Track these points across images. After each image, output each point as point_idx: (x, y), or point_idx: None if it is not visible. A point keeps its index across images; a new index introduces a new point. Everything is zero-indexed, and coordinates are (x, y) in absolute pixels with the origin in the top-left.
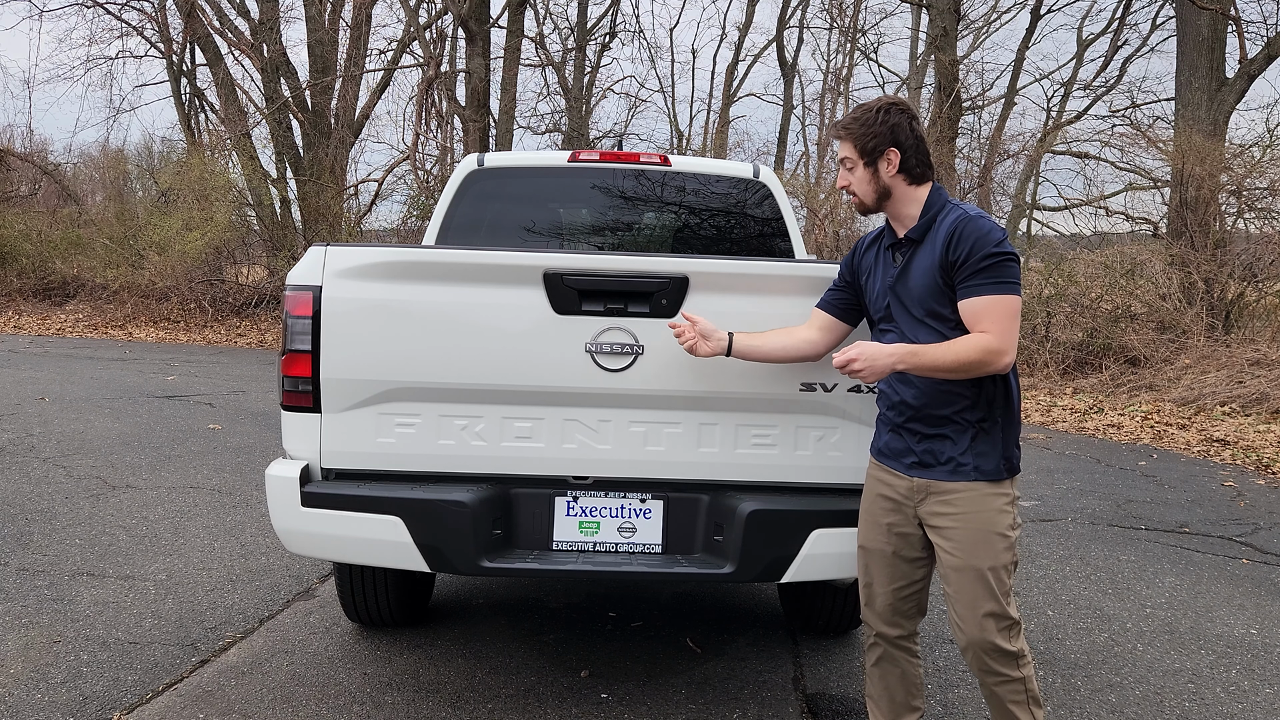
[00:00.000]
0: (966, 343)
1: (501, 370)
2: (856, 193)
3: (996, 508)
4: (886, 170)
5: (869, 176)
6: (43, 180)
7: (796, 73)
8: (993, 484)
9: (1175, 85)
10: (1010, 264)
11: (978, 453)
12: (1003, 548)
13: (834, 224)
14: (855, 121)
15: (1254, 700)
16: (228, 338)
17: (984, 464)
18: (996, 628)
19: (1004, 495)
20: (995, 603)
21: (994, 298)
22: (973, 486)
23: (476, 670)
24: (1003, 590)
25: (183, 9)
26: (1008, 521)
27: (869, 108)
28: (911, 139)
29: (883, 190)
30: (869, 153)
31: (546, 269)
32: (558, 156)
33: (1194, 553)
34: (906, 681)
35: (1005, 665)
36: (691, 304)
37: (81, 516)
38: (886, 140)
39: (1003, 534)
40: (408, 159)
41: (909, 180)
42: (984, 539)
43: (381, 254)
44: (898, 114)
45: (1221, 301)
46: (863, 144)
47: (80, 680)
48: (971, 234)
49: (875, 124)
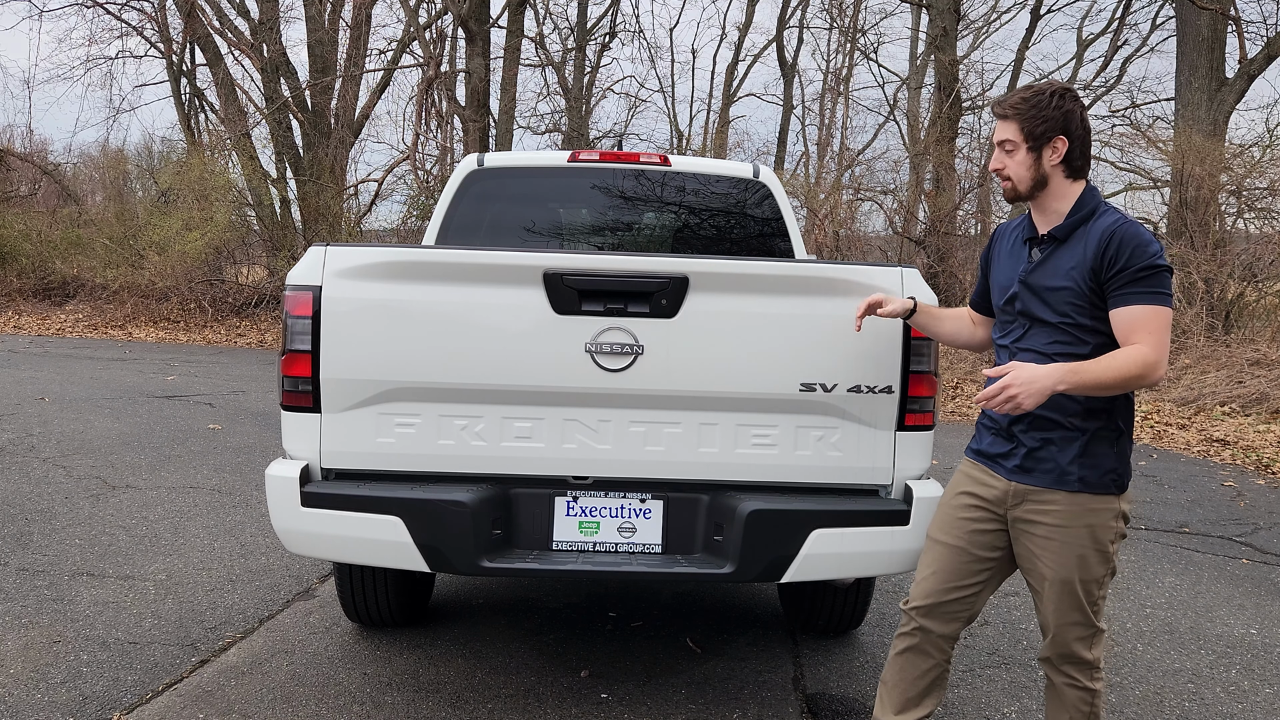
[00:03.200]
0: (1126, 357)
1: (501, 370)
2: (1012, 177)
3: (1099, 522)
4: (1050, 158)
5: (1030, 162)
6: (43, 180)
7: (796, 73)
8: (1097, 496)
9: (1175, 85)
10: (1167, 276)
11: (1085, 463)
12: (1097, 562)
13: (834, 224)
14: (1026, 103)
15: (1254, 700)
16: (228, 338)
17: (1090, 475)
18: (1077, 635)
19: (1109, 509)
20: (1081, 613)
21: (1152, 309)
22: (1075, 498)
23: (476, 670)
24: (1091, 601)
25: (183, 9)
26: (1109, 536)
27: (1042, 90)
28: (1081, 130)
29: (1040, 179)
30: (1036, 137)
31: (546, 269)
32: (558, 156)
33: (1194, 553)
34: (928, 679)
35: (1079, 671)
36: (691, 304)
37: (81, 516)
38: (1057, 127)
39: (1101, 549)
40: (408, 159)
41: (1067, 173)
42: (1079, 552)
43: (381, 254)
44: (1072, 101)
45: (1221, 301)
46: (1031, 127)
47: (80, 680)
48: (1131, 241)
49: (1048, 107)
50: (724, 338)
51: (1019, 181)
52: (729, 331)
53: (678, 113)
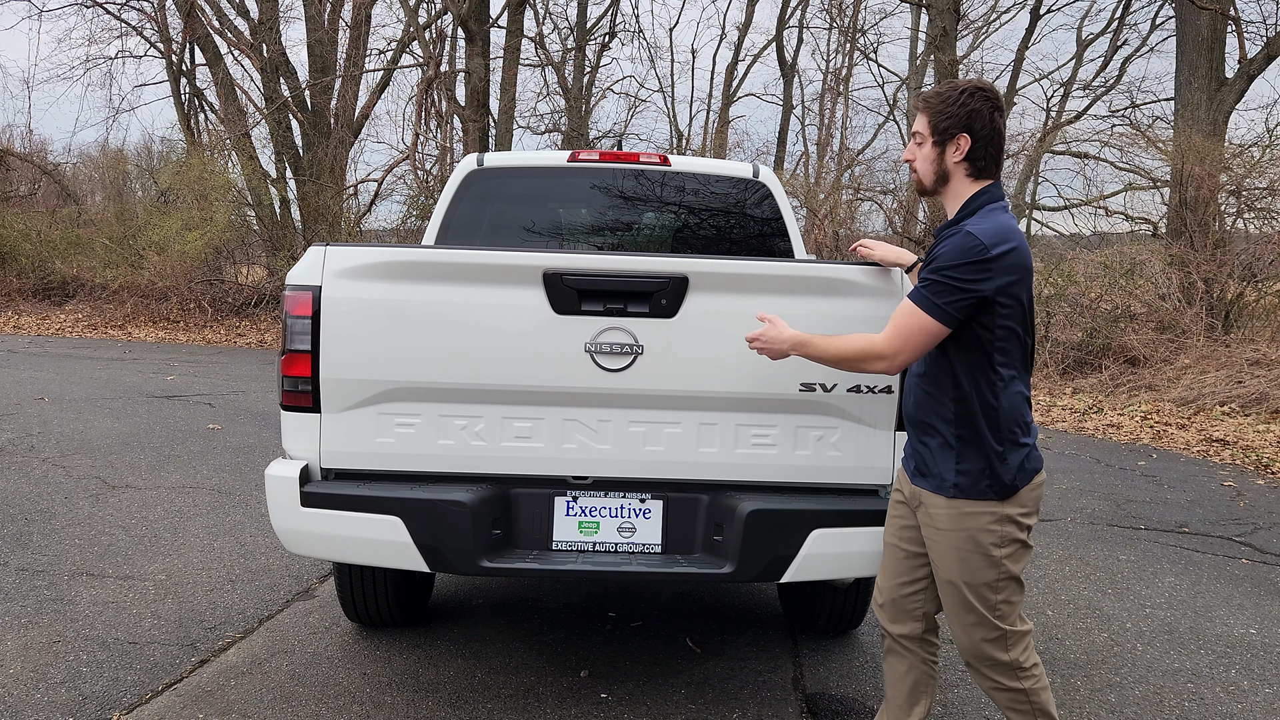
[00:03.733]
0: (855, 338)
1: (501, 370)
2: (918, 170)
3: (979, 526)
4: (952, 154)
5: (934, 156)
6: (42, 180)
7: (796, 73)
8: (975, 502)
9: (1175, 85)
10: (941, 286)
11: (959, 469)
12: (982, 566)
13: (834, 224)
14: (937, 97)
15: (1253, 700)
16: (227, 338)
17: (964, 481)
18: (982, 637)
19: (988, 514)
20: (975, 615)
21: (908, 304)
22: (952, 504)
23: (476, 670)
24: (988, 605)
25: (182, 9)
26: (991, 540)
27: (955, 86)
28: (988, 130)
29: (942, 174)
30: (940, 132)
31: (546, 269)
32: (557, 156)
33: (1193, 552)
34: (908, 682)
35: (999, 673)
36: (691, 304)
37: (81, 516)
38: (960, 124)
39: (983, 553)
40: (407, 159)
41: (970, 172)
42: (962, 557)
43: (381, 254)
44: (981, 100)
45: (1221, 301)
46: (937, 121)
47: (80, 680)
48: (945, 247)
49: (954, 104)
50: (724, 338)
51: (923, 175)
52: (729, 331)
53: (677, 113)
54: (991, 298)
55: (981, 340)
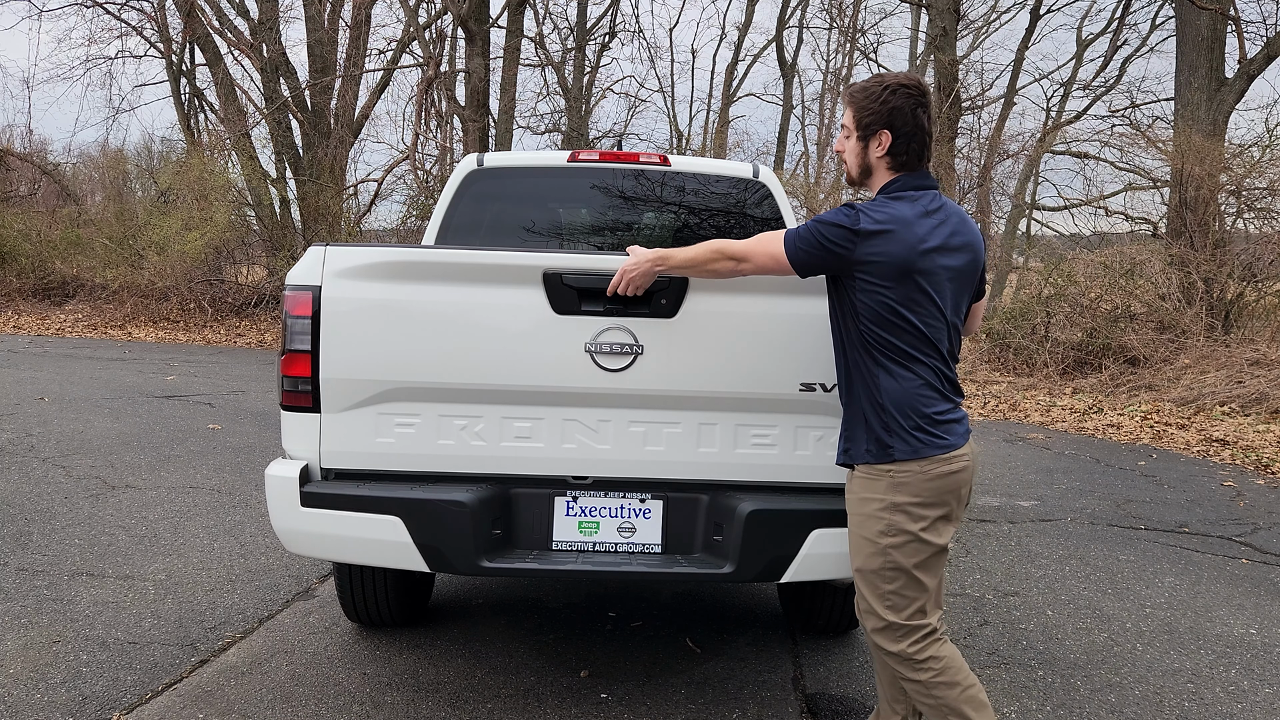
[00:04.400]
0: (708, 243)
1: (501, 370)
2: (846, 161)
3: (866, 511)
4: (875, 149)
5: (859, 150)
6: (42, 180)
7: (796, 73)
8: (869, 478)
9: (1175, 85)
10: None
11: (847, 436)
12: (869, 551)
13: None
14: (862, 92)
15: (1253, 700)
16: (227, 338)
17: (851, 448)
18: (871, 626)
19: (876, 500)
20: (865, 601)
21: (772, 234)
22: (850, 477)
23: (476, 670)
24: (877, 593)
25: (182, 9)
26: (878, 527)
27: (880, 82)
28: (910, 126)
29: (865, 167)
30: (863, 127)
31: (546, 269)
32: (557, 156)
33: (1193, 553)
34: (887, 676)
35: (896, 663)
36: (691, 304)
37: (81, 516)
38: (882, 121)
39: (870, 539)
40: (407, 159)
41: (891, 165)
42: (852, 537)
43: (381, 254)
44: (903, 97)
45: (1221, 301)
46: (860, 116)
47: (80, 680)
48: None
49: (876, 101)
50: (724, 338)
51: (850, 167)
52: (729, 331)
53: (677, 113)
54: (851, 269)
55: (856, 315)
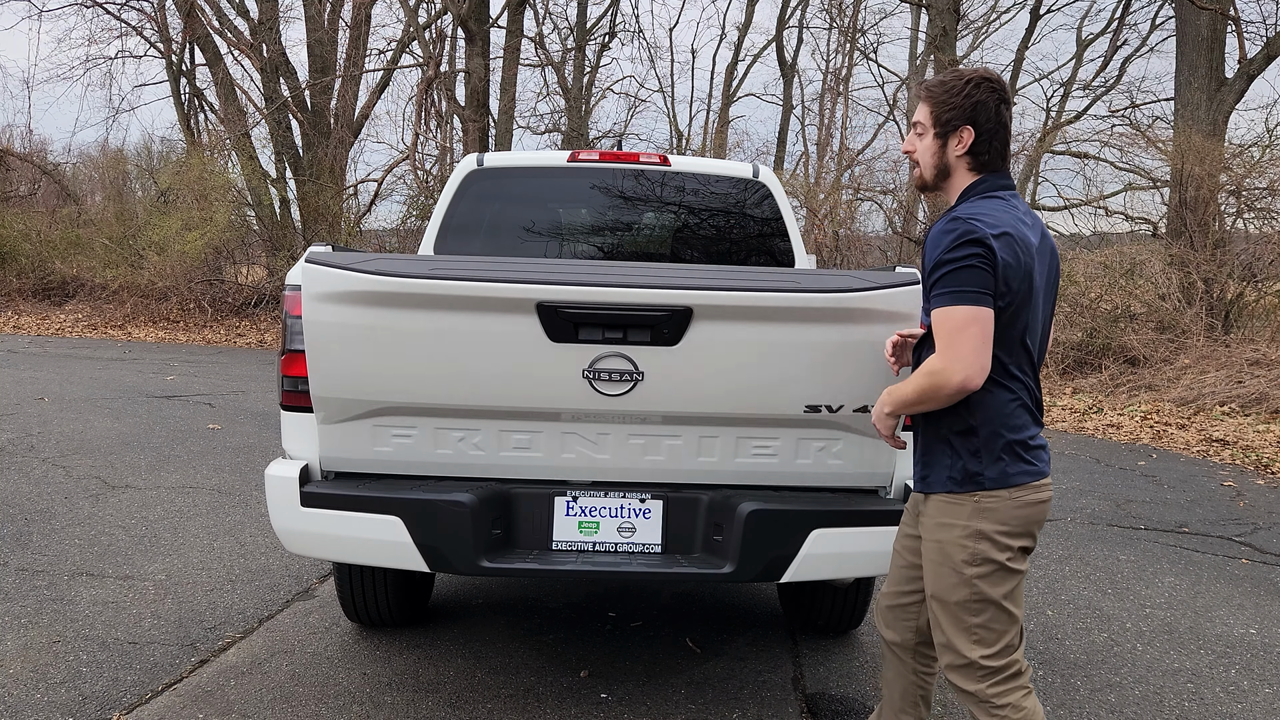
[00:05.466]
0: (920, 371)
1: (497, 393)
2: (919, 162)
3: (950, 538)
4: (955, 147)
5: (935, 149)
6: (42, 180)
7: (796, 73)
8: (951, 504)
9: (1175, 85)
10: (953, 273)
11: (937, 465)
12: (954, 582)
13: (833, 224)
14: (940, 86)
15: (1253, 700)
16: (227, 338)
17: (935, 476)
18: (949, 661)
19: (961, 526)
20: (944, 635)
21: (941, 311)
22: (931, 504)
23: (476, 670)
24: (959, 627)
25: (182, 9)
26: (961, 556)
27: (961, 76)
28: (993, 123)
29: (943, 168)
30: (943, 124)
31: (540, 300)
32: (557, 156)
33: (1193, 552)
34: (897, 688)
35: (969, 702)
36: (695, 333)
37: (81, 516)
38: (963, 116)
39: (954, 568)
40: (407, 159)
41: (972, 166)
42: (934, 568)
43: (360, 282)
44: (987, 91)
45: (1221, 301)
46: (939, 112)
47: (80, 680)
48: (931, 241)
49: (959, 94)
50: (728, 364)
51: (925, 168)
52: (734, 358)
53: (677, 113)
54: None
55: None
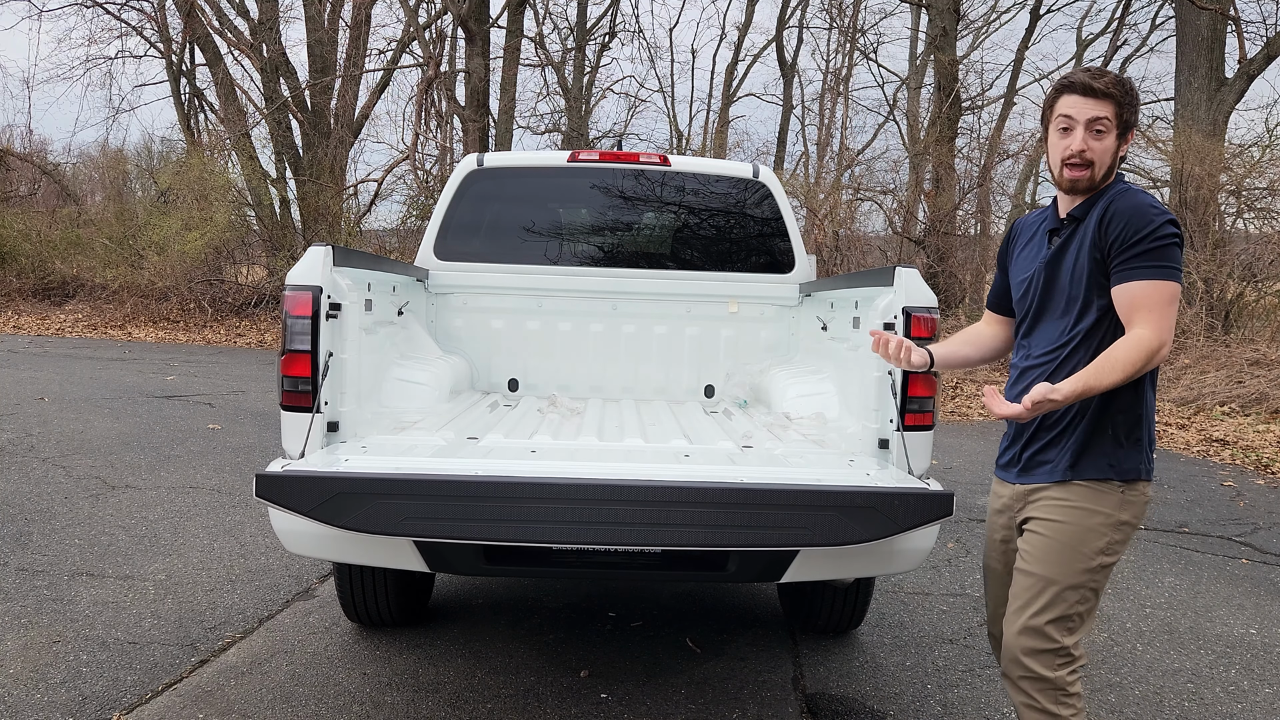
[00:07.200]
0: (1126, 350)
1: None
2: (1095, 161)
3: (1091, 525)
4: (1124, 148)
5: (1116, 149)
6: (42, 180)
7: (796, 73)
8: (1099, 491)
9: (1175, 85)
10: (1166, 248)
11: (1085, 451)
12: (1078, 568)
13: (833, 224)
14: (1120, 86)
15: (1254, 700)
16: (227, 338)
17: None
18: (1033, 646)
19: (1101, 513)
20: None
21: (1154, 284)
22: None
23: (476, 670)
24: (1062, 611)
25: (182, 9)
26: (1098, 544)
27: (1127, 78)
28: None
29: (1112, 168)
30: (1124, 124)
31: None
32: (557, 156)
33: (1193, 553)
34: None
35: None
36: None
37: (81, 516)
38: (1136, 117)
39: (1086, 555)
40: (407, 159)
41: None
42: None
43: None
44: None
45: (1221, 301)
46: (1124, 113)
47: (80, 680)
48: (1127, 210)
49: (1136, 96)
50: None
51: (1101, 167)
52: None
53: (677, 113)
54: None
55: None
